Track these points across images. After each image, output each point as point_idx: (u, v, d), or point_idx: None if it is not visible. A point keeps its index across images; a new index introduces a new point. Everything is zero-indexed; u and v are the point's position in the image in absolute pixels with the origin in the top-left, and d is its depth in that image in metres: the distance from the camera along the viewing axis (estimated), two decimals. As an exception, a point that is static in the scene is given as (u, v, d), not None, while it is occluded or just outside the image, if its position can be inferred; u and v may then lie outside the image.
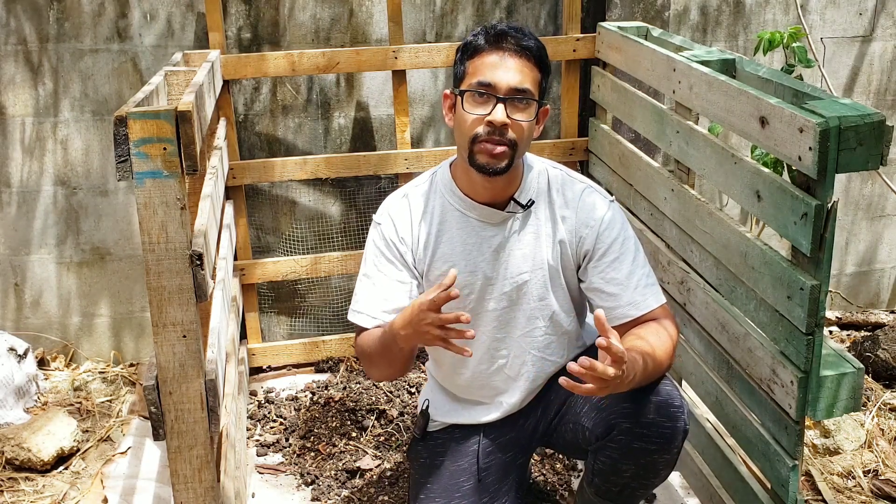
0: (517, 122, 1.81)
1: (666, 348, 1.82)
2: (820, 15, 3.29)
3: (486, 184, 1.89)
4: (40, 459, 2.55)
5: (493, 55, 1.83)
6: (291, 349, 3.11)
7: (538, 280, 1.97)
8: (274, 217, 3.10)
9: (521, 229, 1.95)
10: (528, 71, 1.83)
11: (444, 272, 1.95)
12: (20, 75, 2.88)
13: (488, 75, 1.81)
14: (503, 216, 1.95)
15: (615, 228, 1.93)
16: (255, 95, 3.00)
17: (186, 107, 1.48)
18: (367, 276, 2.01)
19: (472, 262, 1.96)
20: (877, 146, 1.65)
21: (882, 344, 3.00)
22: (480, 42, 1.85)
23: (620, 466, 1.87)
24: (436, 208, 1.98)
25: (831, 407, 1.80)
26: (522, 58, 1.83)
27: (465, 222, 1.96)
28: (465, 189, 1.95)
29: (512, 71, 1.81)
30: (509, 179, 1.91)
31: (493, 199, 1.94)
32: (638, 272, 1.91)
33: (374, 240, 2.02)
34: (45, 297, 3.08)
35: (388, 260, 1.98)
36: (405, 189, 2.04)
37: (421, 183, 2.03)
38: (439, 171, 2.02)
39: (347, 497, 2.43)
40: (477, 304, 1.99)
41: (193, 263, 1.52)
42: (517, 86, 1.81)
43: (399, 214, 2.00)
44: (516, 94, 1.81)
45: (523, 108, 1.82)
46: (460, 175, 1.95)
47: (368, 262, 2.02)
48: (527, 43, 1.84)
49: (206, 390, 1.59)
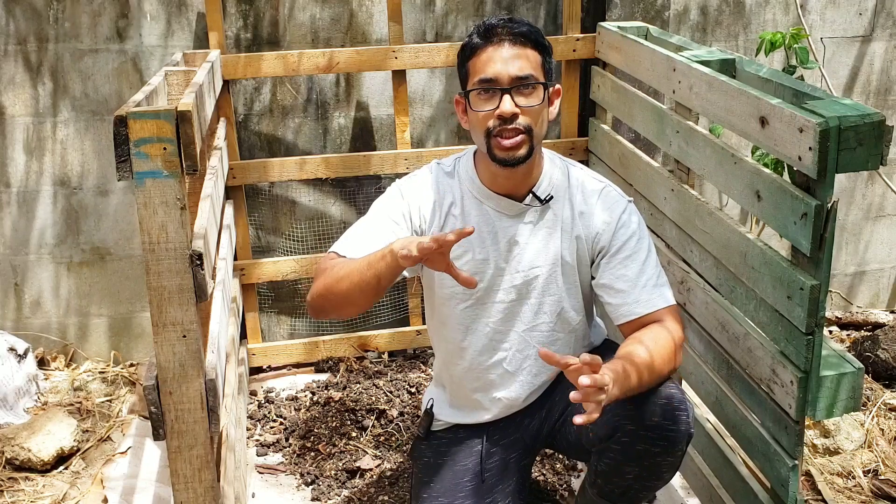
0: (527, 108, 1.83)
1: (666, 353, 1.81)
2: (820, 15, 3.29)
3: (507, 174, 1.90)
4: (40, 459, 2.55)
5: (489, 50, 1.84)
6: (291, 349, 3.11)
7: (550, 275, 1.97)
8: (274, 217, 3.10)
9: (538, 223, 1.96)
10: (526, 56, 1.84)
11: (458, 255, 1.95)
12: (20, 75, 2.88)
13: (488, 71, 1.83)
14: (520, 208, 1.95)
15: (631, 227, 1.94)
16: (255, 95, 3.00)
17: (186, 107, 1.48)
18: (365, 220, 1.98)
19: (485, 250, 1.96)
20: (877, 146, 1.65)
21: (882, 344, 3.00)
22: (475, 41, 1.87)
23: (623, 468, 1.87)
24: (456, 192, 1.99)
25: (831, 407, 1.80)
26: (517, 45, 1.84)
27: (482, 211, 1.97)
28: (485, 179, 1.96)
29: (510, 60, 1.83)
30: (528, 171, 1.92)
31: (512, 190, 1.94)
32: (648, 271, 1.91)
33: (390, 194, 2.00)
34: (45, 297, 3.08)
35: (392, 217, 1.96)
36: (430, 166, 2.05)
37: (445, 164, 2.05)
38: (463, 157, 2.03)
39: (347, 497, 2.43)
40: (485, 293, 1.99)
41: (193, 263, 1.52)
42: (518, 73, 1.82)
43: (422, 184, 2.01)
44: (520, 82, 1.82)
45: (530, 94, 1.84)
46: (481, 165, 1.97)
47: (373, 211, 2.00)
48: (518, 29, 1.85)
49: (206, 390, 1.59)
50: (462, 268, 1.96)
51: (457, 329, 2.03)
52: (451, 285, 1.98)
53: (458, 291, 1.99)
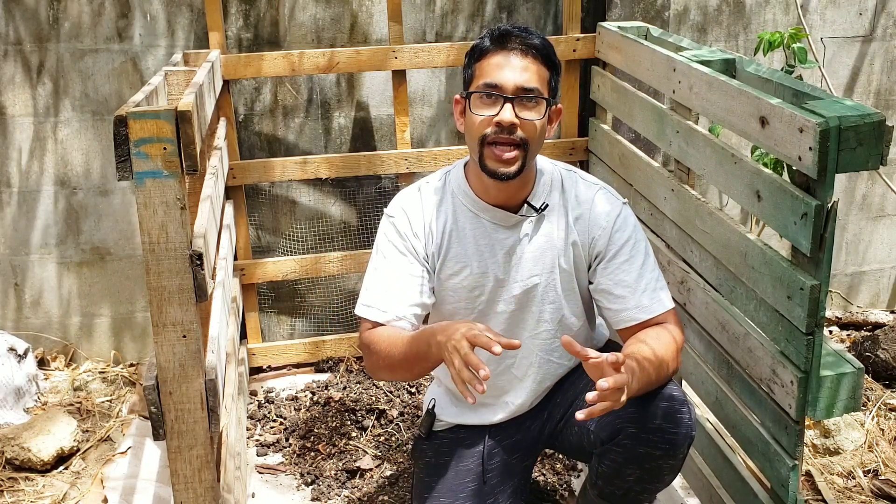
0: (527, 122, 1.80)
1: (670, 354, 1.81)
2: (820, 15, 3.29)
3: (500, 186, 1.88)
4: (40, 459, 2.55)
5: (499, 55, 1.82)
6: (291, 349, 3.11)
7: (549, 283, 1.96)
8: (274, 217, 3.10)
9: (534, 232, 1.94)
10: (535, 69, 1.82)
11: (457, 271, 1.95)
12: (20, 75, 2.88)
13: (495, 76, 1.80)
14: (516, 219, 1.93)
15: (627, 230, 1.92)
16: (255, 95, 3.00)
17: (186, 107, 1.48)
18: (376, 269, 1.96)
19: (483, 264, 1.95)
20: (877, 146, 1.65)
21: (882, 344, 3.00)
22: (486, 44, 1.85)
23: (625, 470, 1.86)
24: (448, 207, 1.97)
25: (831, 407, 1.80)
26: (528, 56, 1.82)
27: (478, 224, 1.95)
28: (478, 191, 1.93)
29: (518, 70, 1.80)
30: (522, 182, 1.90)
31: (506, 201, 1.92)
32: (647, 275, 1.90)
33: (386, 233, 1.97)
34: (45, 297, 3.08)
35: (400, 253, 1.95)
36: (418, 184, 2.02)
37: (434, 180, 2.01)
38: (453, 170, 2.01)
39: (347, 497, 2.43)
40: (487, 305, 1.98)
41: (193, 263, 1.52)
42: (524, 84, 1.80)
43: (412, 208, 1.97)
44: (524, 93, 1.80)
45: (532, 107, 1.81)
46: (473, 177, 1.94)
47: (379, 255, 1.97)
48: (532, 41, 1.83)
49: (206, 390, 1.59)
50: (462, 282, 1.97)
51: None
52: (453, 302, 1.98)
53: (461, 308, 1.98)
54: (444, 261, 1.96)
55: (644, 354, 1.75)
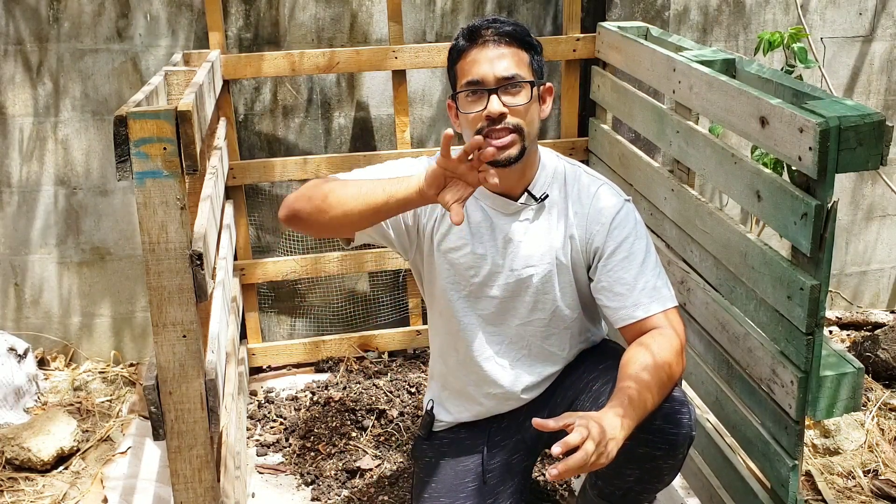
0: (514, 108, 1.82)
1: (671, 359, 1.77)
2: (820, 15, 3.29)
3: (501, 175, 1.88)
4: (40, 459, 2.55)
5: (474, 51, 1.84)
6: (291, 349, 3.11)
7: (544, 274, 1.96)
8: (274, 217, 3.10)
9: (534, 222, 1.95)
10: (511, 55, 1.84)
11: (458, 246, 1.96)
12: (20, 75, 2.88)
13: (474, 72, 1.83)
14: (516, 207, 1.95)
15: (626, 227, 1.92)
16: (255, 95, 3.00)
17: (186, 107, 1.48)
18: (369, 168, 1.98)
19: (483, 245, 1.96)
20: (877, 146, 1.65)
21: (882, 344, 3.00)
22: (461, 43, 1.87)
23: (624, 471, 1.86)
24: None
25: (831, 407, 1.80)
26: (502, 45, 1.84)
27: (479, 209, 1.97)
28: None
29: (495, 61, 1.82)
30: (523, 170, 1.91)
31: (507, 190, 1.94)
32: (647, 273, 1.88)
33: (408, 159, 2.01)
34: (45, 296, 3.08)
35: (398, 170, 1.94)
36: (422, 161, 2.01)
37: None
38: None
39: (347, 497, 2.43)
40: (479, 287, 1.99)
41: (193, 263, 1.52)
42: (504, 73, 1.82)
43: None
44: (506, 82, 1.82)
45: (517, 93, 1.83)
46: None
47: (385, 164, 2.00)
48: (503, 29, 1.85)
49: (206, 390, 1.59)
50: (460, 260, 1.97)
51: (451, 320, 2.03)
52: (448, 277, 1.99)
53: (454, 283, 1.99)
54: (447, 233, 1.97)
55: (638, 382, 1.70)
